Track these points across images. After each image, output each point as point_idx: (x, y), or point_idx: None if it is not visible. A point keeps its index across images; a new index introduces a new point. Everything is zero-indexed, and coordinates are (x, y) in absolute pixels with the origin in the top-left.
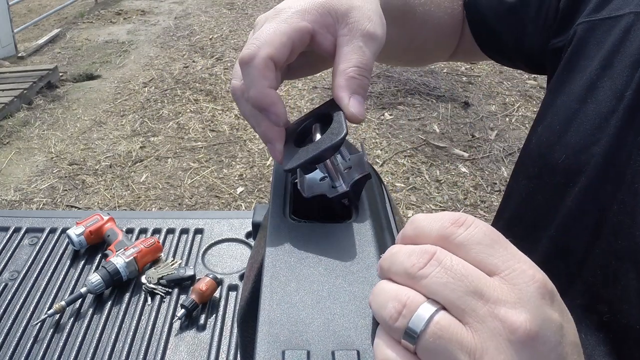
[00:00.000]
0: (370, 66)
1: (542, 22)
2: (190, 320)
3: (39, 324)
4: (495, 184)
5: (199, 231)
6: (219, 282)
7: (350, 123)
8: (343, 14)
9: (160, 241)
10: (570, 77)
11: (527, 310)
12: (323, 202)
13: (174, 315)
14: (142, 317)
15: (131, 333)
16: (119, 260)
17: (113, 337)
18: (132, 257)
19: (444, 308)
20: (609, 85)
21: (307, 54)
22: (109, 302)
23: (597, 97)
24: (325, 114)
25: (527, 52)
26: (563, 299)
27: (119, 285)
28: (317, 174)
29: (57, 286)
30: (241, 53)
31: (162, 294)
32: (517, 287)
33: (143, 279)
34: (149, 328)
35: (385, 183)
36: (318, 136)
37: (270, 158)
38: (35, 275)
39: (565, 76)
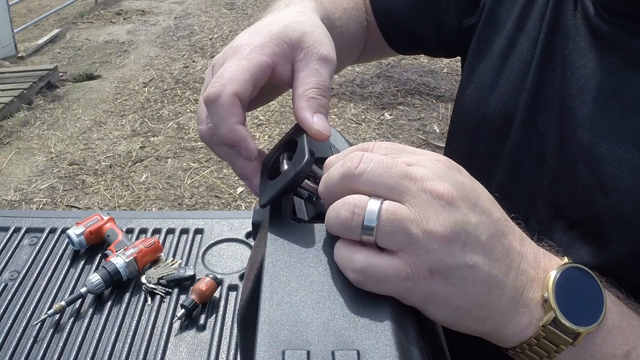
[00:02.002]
0: (327, 87)
1: (454, 6)
2: (190, 320)
3: (39, 324)
4: None
5: (199, 231)
6: (219, 282)
7: (318, 140)
8: (297, 40)
9: (160, 241)
10: (488, 44)
11: (443, 180)
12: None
13: (174, 315)
14: (142, 317)
15: (131, 333)
16: (119, 260)
17: (113, 337)
18: (132, 257)
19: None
20: (526, 39)
21: (264, 85)
22: (109, 302)
23: (518, 51)
24: (291, 140)
25: (444, 38)
26: (528, 218)
27: (119, 285)
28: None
29: (57, 286)
30: (205, 93)
31: (162, 294)
32: (429, 168)
33: (143, 279)
34: (149, 328)
35: None
36: (285, 166)
37: None
38: (35, 275)
39: (483, 44)
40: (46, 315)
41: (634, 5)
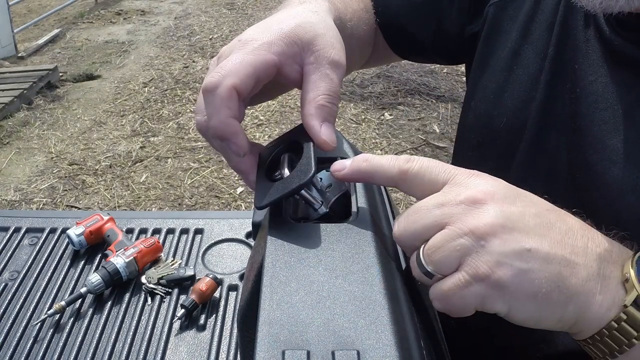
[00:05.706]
0: (338, 93)
1: (456, 12)
2: (190, 320)
3: (39, 324)
4: None
5: (199, 231)
6: (219, 282)
7: (323, 150)
8: (308, 42)
9: (160, 241)
10: (491, 53)
11: (476, 187)
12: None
13: (174, 315)
14: (142, 317)
15: (131, 333)
16: (119, 260)
17: (113, 337)
18: (132, 257)
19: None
20: (532, 50)
21: (268, 82)
22: (109, 302)
23: (523, 62)
24: (295, 142)
25: (445, 45)
26: None
27: (119, 285)
28: None
29: (57, 286)
30: (204, 81)
31: (162, 294)
32: (462, 185)
33: (143, 279)
34: (149, 328)
35: None
36: (286, 172)
37: None
38: (35, 275)
39: (486, 53)
40: (46, 315)
41: None
